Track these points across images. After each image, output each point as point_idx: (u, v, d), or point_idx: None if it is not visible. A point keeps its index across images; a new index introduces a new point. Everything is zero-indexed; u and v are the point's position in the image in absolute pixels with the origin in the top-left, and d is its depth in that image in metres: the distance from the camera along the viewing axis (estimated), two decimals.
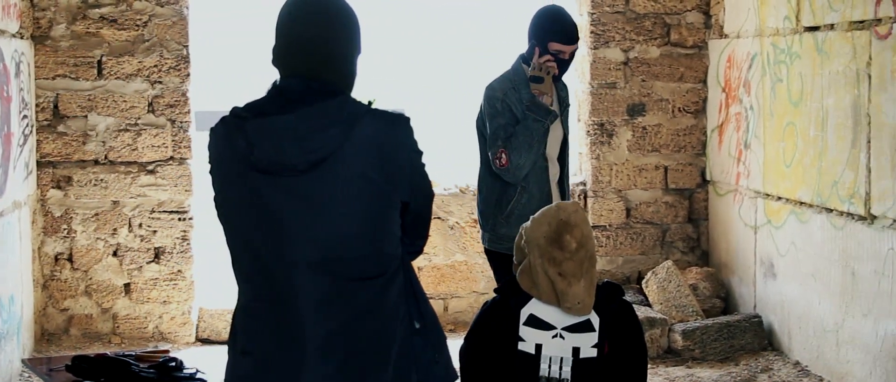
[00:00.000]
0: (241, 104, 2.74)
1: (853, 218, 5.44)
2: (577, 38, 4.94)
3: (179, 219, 6.98)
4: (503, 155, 4.72)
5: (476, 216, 7.35)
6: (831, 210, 5.66)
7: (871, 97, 5.20)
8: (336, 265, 2.66)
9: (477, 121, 4.99)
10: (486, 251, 5.02)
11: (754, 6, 6.51)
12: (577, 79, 7.55)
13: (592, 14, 7.22)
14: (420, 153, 2.79)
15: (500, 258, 4.79)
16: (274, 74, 2.79)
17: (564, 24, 4.86)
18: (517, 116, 4.77)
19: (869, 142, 5.23)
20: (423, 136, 2.80)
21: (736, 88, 6.88)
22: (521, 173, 4.75)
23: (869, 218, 5.28)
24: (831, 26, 5.59)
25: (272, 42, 2.79)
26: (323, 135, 2.61)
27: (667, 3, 7.29)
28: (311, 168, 2.62)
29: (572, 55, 4.92)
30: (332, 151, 2.61)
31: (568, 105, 5.07)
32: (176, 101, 6.92)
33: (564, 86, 5.08)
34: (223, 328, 6.93)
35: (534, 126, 4.73)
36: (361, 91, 2.82)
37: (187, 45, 6.92)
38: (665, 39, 7.32)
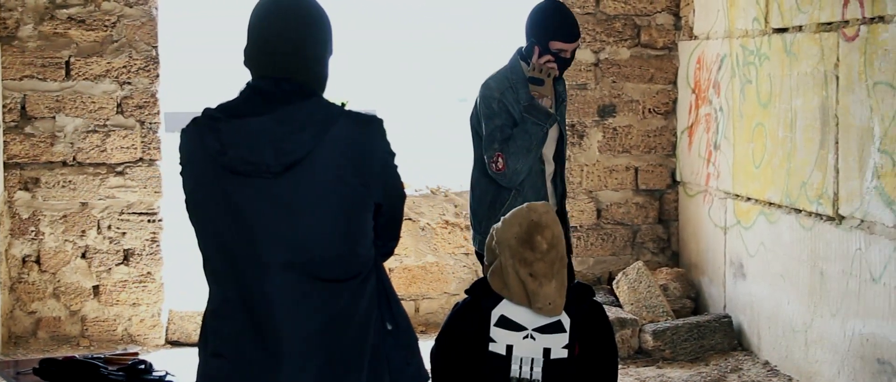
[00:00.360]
0: (213, 105, 2.72)
1: (821, 219, 5.47)
2: (579, 35, 4.76)
3: (149, 221, 6.94)
4: (500, 159, 4.55)
5: (447, 218, 7.39)
6: (800, 211, 5.69)
7: (838, 99, 5.23)
8: (310, 267, 2.65)
9: (471, 118, 4.83)
10: (477, 254, 4.86)
11: (723, 8, 6.54)
12: None
13: None
14: (393, 154, 2.79)
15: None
16: (244, 75, 2.78)
17: (566, 20, 4.67)
18: (515, 118, 4.60)
19: (837, 143, 5.27)
20: (393, 136, 2.80)
21: (705, 89, 6.91)
22: (518, 177, 4.59)
23: (837, 219, 5.31)
24: (800, 28, 5.63)
25: (243, 43, 2.78)
26: (297, 137, 2.60)
27: (637, 4, 7.32)
28: (285, 170, 2.61)
29: (573, 53, 4.74)
30: (306, 153, 2.61)
31: (564, 100, 4.88)
32: (145, 102, 6.88)
33: (561, 80, 4.89)
34: (193, 330, 6.90)
35: (532, 130, 4.56)
36: (334, 92, 2.82)
37: (156, 46, 6.88)
38: (635, 41, 7.34)
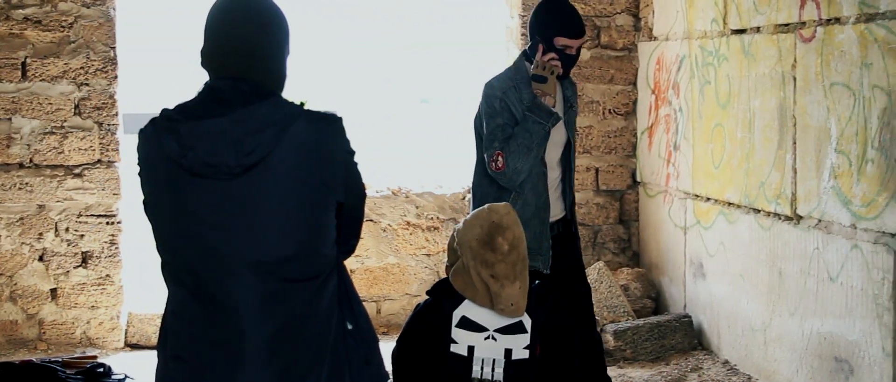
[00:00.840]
0: (171, 106, 2.71)
1: (780, 219, 5.52)
2: (585, 31, 4.62)
3: (107, 223, 6.87)
4: (499, 158, 4.46)
5: (409, 219, 7.37)
6: (759, 211, 5.74)
7: (796, 99, 5.28)
8: (272, 268, 2.64)
9: (474, 120, 4.73)
10: None
11: (682, 9, 6.57)
12: None
13: (523, 16, 7.25)
14: (353, 153, 2.79)
15: None
16: (202, 76, 2.76)
17: (570, 15, 4.56)
18: (517, 117, 4.51)
19: (794, 143, 5.31)
20: (353, 136, 2.80)
21: (665, 90, 6.95)
22: (518, 177, 4.49)
23: (795, 218, 5.35)
24: (757, 29, 5.67)
25: (200, 44, 2.76)
26: (257, 137, 2.59)
27: (596, 5, 7.34)
28: (245, 171, 2.60)
29: (579, 50, 4.62)
30: (266, 153, 2.60)
31: (573, 105, 4.76)
32: (103, 103, 6.82)
33: (571, 84, 4.80)
34: (153, 332, 6.84)
35: (534, 128, 4.45)
36: (293, 92, 2.81)
37: (114, 47, 6.82)
38: (595, 42, 7.37)
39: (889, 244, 4.57)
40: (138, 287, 7.21)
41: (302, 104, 2.72)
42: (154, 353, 2.87)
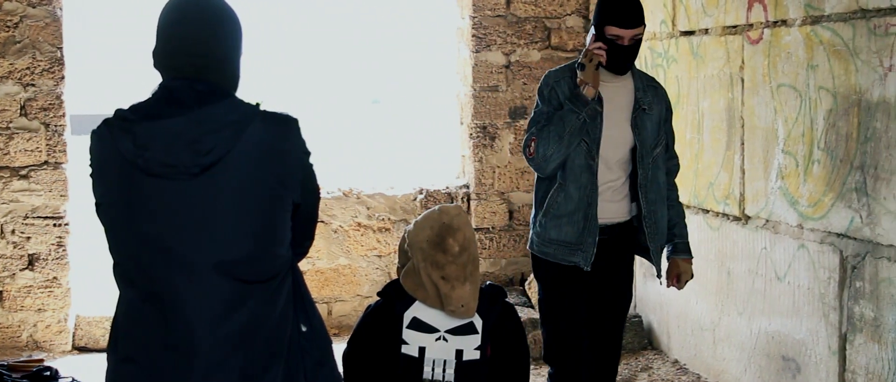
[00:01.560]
0: (124, 106, 2.68)
1: (728, 219, 5.56)
2: (640, 21, 4.27)
3: (54, 225, 6.79)
4: (532, 144, 4.30)
5: (360, 220, 7.36)
6: (708, 211, 5.78)
7: (744, 100, 5.32)
8: (228, 269, 2.63)
9: None
10: (531, 255, 4.57)
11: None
12: (460, 82, 7.58)
13: (474, 17, 7.26)
14: (309, 154, 2.78)
15: (537, 264, 4.49)
16: (151, 77, 2.74)
17: (622, 4, 4.25)
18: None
19: (742, 144, 5.35)
20: (304, 137, 2.79)
21: None
22: (547, 165, 4.28)
23: (743, 219, 5.40)
24: (706, 31, 5.71)
25: (151, 45, 2.74)
26: (214, 138, 2.58)
27: (547, 7, 7.37)
28: (202, 172, 2.58)
29: (635, 40, 4.28)
30: (224, 153, 2.58)
31: (645, 108, 4.38)
32: (50, 104, 6.74)
33: (650, 85, 4.47)
34: (101, 335, 6.78)
35: (567, 117, 4.23)
36: (244, 93, 2.80)
37: (61, 47, 6.75)
38: (546, 43, 7.39)
39: (835, 244, 4.62)
40: (86, 290, 7.13)
41: (257, 105, 2.71)
42: (103, 356, 2.84)
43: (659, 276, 4.57)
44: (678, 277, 4.59)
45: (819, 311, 4.76)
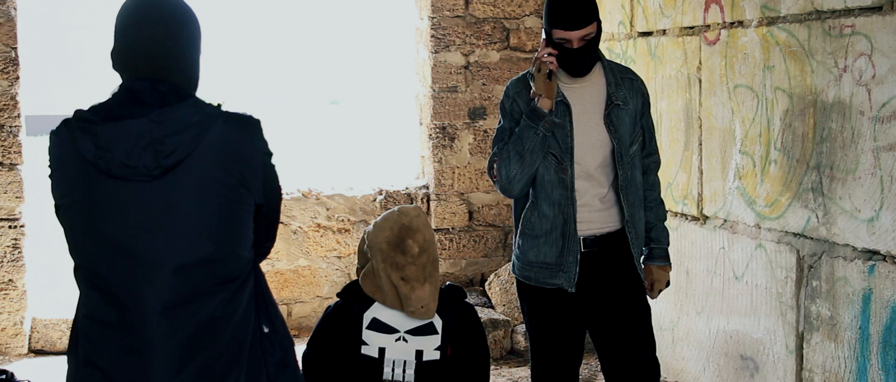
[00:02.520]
0: (83, 107, 2.66)
1: (687, 219, 5.60)
2: (587, 20, 3.88)
3: (10, 227, 6.71)
4: (494, 165, 4.00)
5: (319, 221, 7.34)
6: (667, 211, 5.81)
7: (701, 101, 5.36)
8: (190, 271, 2.61)
9: None
10: (515, 279, 4.25)
11: None
12: (419, 82, 7.58)
13: (433, 18, 7.26)
14: (271, 154, 2.77)
15: (521, 288, 4.17)
16: (109, 78, 2.71)
17: (565, 4, 3.88)
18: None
19: (700, 144, 5.39)
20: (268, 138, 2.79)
21: None
22: (512, 186, 3.98)
23: (701, 219, 5.43)
24: (664, 32, 5.74)
25: (111, 45, 2.71)
26: (177, 139, 2.56)
27: (506, 7, 7.38)
28: (164, 173, 2.56)
29: (586, 41, 3.90)
30: (186, 154, 2.57)
31: (618, 103, 4.02)
32: (5, 104, 6.66)
33: (627, 77, 4.10)
34: (58, 338, 6.71)
35: (526, 134, 3.92)
36: (203, 93, 2.78)
37: (16, 47, 6.67)
38: (505, 44, 7.41)
39: (792, 244, 4.66)
40: (43, 292, 7.06)
41: (219, 106, 2.70)
42: (59, 359, 2.82)
43: (647, 284, 4.20)
44: (651, 285, 4.22)
45: (776, 310, 4.79)
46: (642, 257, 4.19)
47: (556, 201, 3.99)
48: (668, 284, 4.29)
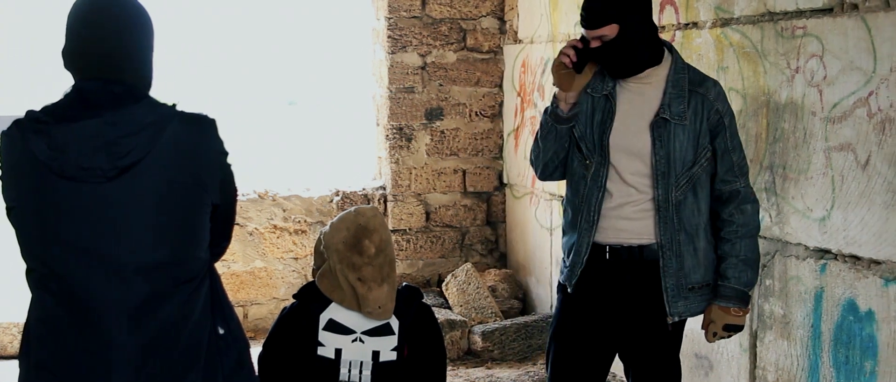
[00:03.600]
0: (35, 108, 2.63)
1: None
2: (601, 21, 3.64)
3: None
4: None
5: (276, 222, 7.31)
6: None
7: None
8: (147, 272, 2.60)
9: None
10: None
11: (546, 13, 6.66)
12: (376, 83, 7.57)
13: (389, 18, 7.26)
14: (227, 154, 2.76)
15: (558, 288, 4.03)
16: (60, 78, 2.69)
17: (586, 3, 3.70)
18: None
19: None
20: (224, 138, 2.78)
21: (530, 92, 7.03)
22: (534, 166, 4.00)
23: None
24: None
25: (62, 44, 2.69)
26: (132, 139, 2.55)
27: (462, 8, 7.39)
28: (120, 174, 2.54)
29: (609, 42, 3.66)
30: (141, 155, 2.55)
31: (665, 118, 3.68)
32: None
33: (697, 92, 3.71)
34: (9, 342, 6.63)
35: (543, 119, 3.88)
36: (158, 93, 2.77)
37: None
38: (461, 44, 7.42)
39: None
40: None
41: (174, 106, 2.68)
42: (8, 363, 2.79)
43: (669, 319, 3.81)
44: (707, 327, 3.85)
45: None
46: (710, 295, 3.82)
47: (580, 194, 3.84)
48: (737, 329, 3.82)
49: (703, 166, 3.71)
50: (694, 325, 4.98)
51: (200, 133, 2.68)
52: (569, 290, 3.92)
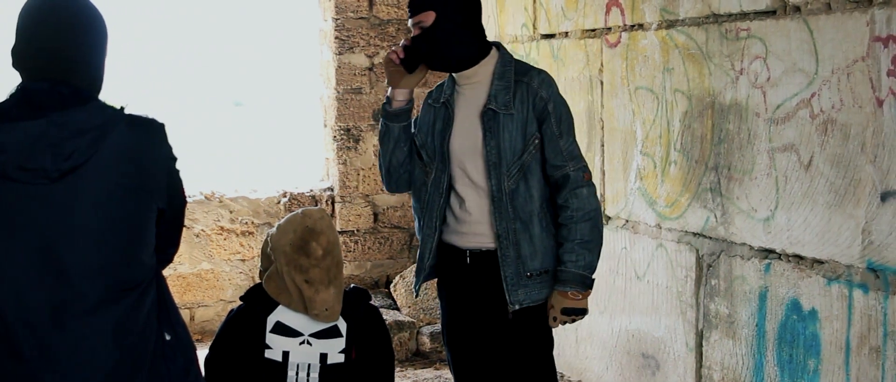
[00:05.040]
0: None
1: None
2: (424, 6, 3.70)
3: None
4: None
5: (223, 224, 7.26)
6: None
7: (603, 103, 5.42)
8: (91, 277, 2.56)
9: None
10: None
11: (494, 14, 6.67)
12: (323, 84, 7.55)
13: (336, 19, 7.23)
14: (175, 159, 2.74)
15: None
16: (9, 77, 2.66)
17: None
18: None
19: (602, 146, 5.45)
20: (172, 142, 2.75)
21: None
22: (381, 176, 4.00)
23: (604, 219, 5.49)
24: (566, 34, 5.79)
25: (11, 43, 2.65)
26: (77, 141, 2.51)
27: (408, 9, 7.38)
28: (63, 176, 2.51)
29: (426, 29, 3.71)
30: (86, 158, 2.52)
31: (494, 109, 3.73)
32: None
33: (523, 81, 3.76)
34: None
35: (381, 123, 3.93)
36: (105, 95, 2.74)
37: None
38: None
39: (691, 243, 4.74)
40: None
41: (122, 109, 2.65)
42: None
43: (510, 307, 3.81)
44: (549, 311, 3.85)
45: (677, 309, 4.87)
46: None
47: (419, 197, 3.94)
48: (578, 313, 3.82)
49: (532, 153, 3.75)
50: (644, 326, 5.02)
51: (148, 137, 2.65)
52: (415, 294, 4.05)
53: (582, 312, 3.82)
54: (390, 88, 3.88)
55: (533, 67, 3.90)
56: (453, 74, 3.89)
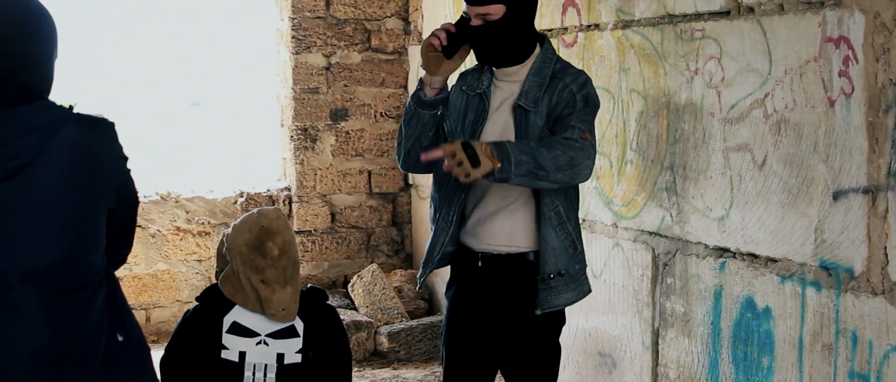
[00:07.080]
0: None
1: None
2: None
3: None
4: None
5: (179, 224, 7.21)
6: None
7: None
8: (38, 279, 2.52)
9: None
10: None
11: (450, 14, 6.68)
12: (280, 84, 7.52)
13: (293, 19, 7.21)
14: (126, 159, 2.71)
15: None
16: None
17: None
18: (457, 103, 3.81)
19: None
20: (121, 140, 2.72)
21: None
22: (397, 154, 3.87)
23: None
24: None
25: None
26: (23, 141, 2.47)
27: (367, 9, 7.38)
28: (9, 176, 2.47)
29: (491, 22, 3.57)
30: (32, 157, 2.48)
31: (525, 106, 3.64)
32: None
33: (557, 78, 3.67)
34: None
35: (408, 104, 3.77)
36: (59, 94, 2.70)
37: None
38: (366, 45, 7.41)
39: (647, 242, 4.77)
40: None
41: (71, 107, 2.62)
42: None
43: (537, 309, 3.74)
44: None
45: (633, 308, 4.90)
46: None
47: (439, 184, 3.82)
48: (471, 160, 3.27)
49: None
50: (601, 325, 5.04)
51: (97, 136, 2.62)
52: (418, 286, 4.03)
53: (473, 161, 3.27)
54: (425, 74, 3.70)
55: (573, 67, 3.79)
56: (494, 68, 3.76)
